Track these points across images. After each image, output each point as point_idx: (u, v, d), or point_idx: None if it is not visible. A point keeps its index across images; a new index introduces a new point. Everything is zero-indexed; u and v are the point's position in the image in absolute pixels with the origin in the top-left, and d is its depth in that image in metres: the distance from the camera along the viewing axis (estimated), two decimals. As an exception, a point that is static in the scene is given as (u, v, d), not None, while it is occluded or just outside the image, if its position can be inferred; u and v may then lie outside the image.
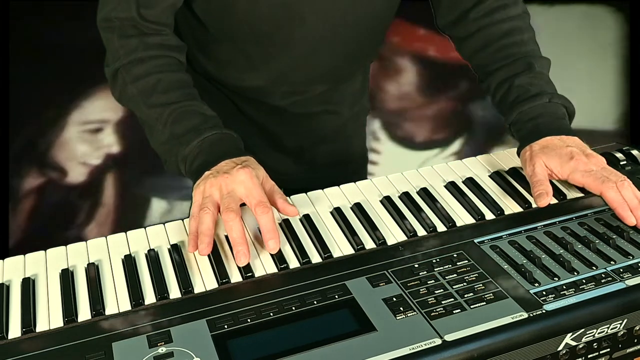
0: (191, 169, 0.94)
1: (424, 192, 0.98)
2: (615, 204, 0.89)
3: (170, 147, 0.97)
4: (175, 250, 0.87)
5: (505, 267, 0.82)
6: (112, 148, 2.44)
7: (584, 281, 0.79)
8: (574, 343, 0.75)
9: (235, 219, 0.84)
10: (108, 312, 0.79)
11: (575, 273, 0.80)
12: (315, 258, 0.86)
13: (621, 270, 0.80)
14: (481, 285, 0.79)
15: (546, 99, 1.02)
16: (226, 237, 0.90)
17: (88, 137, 2.43)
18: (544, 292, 0.77)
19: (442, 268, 0.82)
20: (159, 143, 0.99)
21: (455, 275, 0.80)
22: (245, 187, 0.87)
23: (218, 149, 0.94)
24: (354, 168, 1.39)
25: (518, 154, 1.02)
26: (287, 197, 0.94)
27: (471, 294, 0.77)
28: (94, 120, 2.43)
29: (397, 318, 0.74)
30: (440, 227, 0.91)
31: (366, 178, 1.42)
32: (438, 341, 0.71)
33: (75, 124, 2.42)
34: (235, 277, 0.83)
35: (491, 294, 0.77)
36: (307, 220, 0.92)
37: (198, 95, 1.01)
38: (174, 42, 1.03)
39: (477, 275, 0.80)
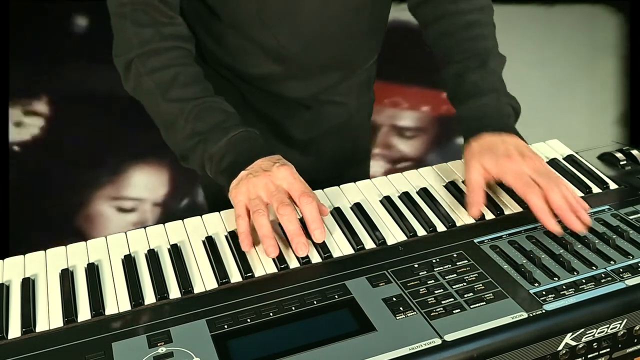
0: (219, 168, 0.94)
1: (424, 192, 0.98)
2: (534, 209, 0.88)
3: (194, 144, 0.96)
4: (175, 250, 0.87)
5: (505, 267, 0.82)
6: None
7: (583, 281, 0.79)
8: (573, 343, 0.75)
9: (292, 213, 0.85)
10: (108, 312, 0.79)
11: (575, 273, 0.80)
12: (315, 258, 0.86)
13: (621, 270, 0.80)
14: (481, 285, 0.79)
15: (494, 98, 1.02)
16: (227, 235, 0.90)
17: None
18: (544, 292, 0.77)
19: (442, 268, 0.82)
20: (179, 139, 0.98)
21: (455, 275, 0.80)
22: (288, 182, 0.88)
23: (247, 148, 0.93)
24: (359, 160, 1.39)
25: (462, 151, 1.00)
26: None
27: (471, 294, 0.77)
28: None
29: (397, 318, 0.74)
30: (440, 227, 0.91)
31: (369, 170, 1.42)
32: (438, 341, 0.71)
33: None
34: (235, 277, 0.83)
35: (491, 294, 0.77)
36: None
37: (212, 89, 1.01)
38: (186, 32, 1.02)
39: (477, 275, 0.80)
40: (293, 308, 0.77)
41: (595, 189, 0.98)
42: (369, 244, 0.88)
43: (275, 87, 1.17)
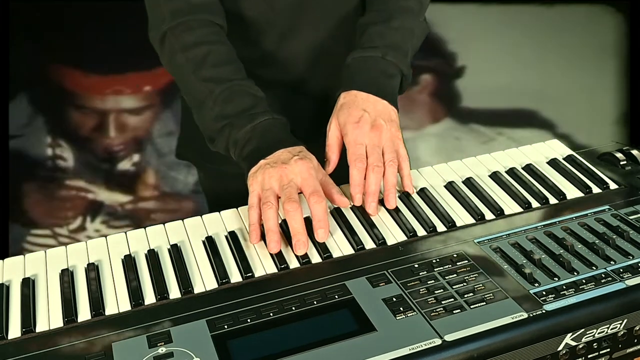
0: (242, 154, 0.94)
1: (424, 192, 0.98)
2: (350, 181, 0.92)
3: (221, 127, 0.96)
4: (175, 250, 0.87)
5: (505, 267, 0.82)
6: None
7: (584, 281, 0.79)
8: (574, 343, 0.75)
9: (297, 210, 0.86)
10: (108, 312, 0.79)
11: (575, 273, 0.80)
12: (315, 258, 0.86)
13: (621, 270, 0.80)
14: (481, 285, 0.79)
15: (380, 53, 1.01)
16: (227, 236, 0.90)
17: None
18: (544, 292, 0.77)
19: (442, 268, 0.82)
20: (207, 119, 0.97)
21: (455, 275, 0.80)
22: (302, 177, 0.88)
23: (271, 136, 0.94)
24: None
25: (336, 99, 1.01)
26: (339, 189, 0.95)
27: (471, 294, 0.77)
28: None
29: (397, 318, 0.74)
30: (440, 227, 0.91)
31: None
32: (438, 341, 0.71)
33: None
34: (235, 277, 0.83)
35: (491, 294, 0.77)
36: (307, 220, 0.92)
37: (244, 69, 1.01)
38: (216, 3, 1.01)
39: (477, 275, 0.80)
40: (293, 308, 0.77)
41: (595, 189, 0.98)
42: (369, 244, 0.88)
43: (273, 65, 1.13)
